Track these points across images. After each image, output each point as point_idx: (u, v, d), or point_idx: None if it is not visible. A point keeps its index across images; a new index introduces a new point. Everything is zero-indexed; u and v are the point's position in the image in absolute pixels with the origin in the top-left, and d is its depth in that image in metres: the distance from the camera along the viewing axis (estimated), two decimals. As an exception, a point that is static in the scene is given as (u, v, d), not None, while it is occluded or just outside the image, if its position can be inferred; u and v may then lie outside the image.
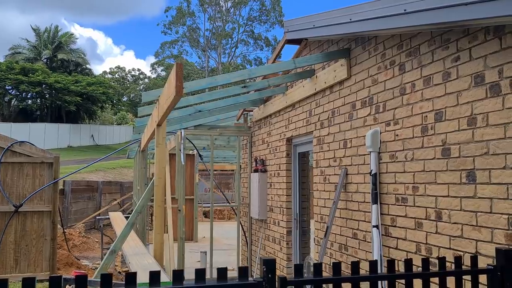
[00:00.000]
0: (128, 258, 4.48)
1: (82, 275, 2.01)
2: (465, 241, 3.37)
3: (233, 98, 6.94)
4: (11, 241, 7.82)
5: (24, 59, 44.95)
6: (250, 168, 8.61)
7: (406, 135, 4.07)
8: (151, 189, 4.77)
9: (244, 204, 8.86)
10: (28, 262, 7.84)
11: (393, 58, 4.31)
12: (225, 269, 1.95)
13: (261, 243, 8.02)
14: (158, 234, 4.52)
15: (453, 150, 3.51)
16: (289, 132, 6.85)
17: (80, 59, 50.09)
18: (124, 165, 27.70)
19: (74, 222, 14.16)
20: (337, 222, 5.30)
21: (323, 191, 5.72)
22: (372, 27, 4.04)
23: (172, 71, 3.27)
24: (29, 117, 43.27)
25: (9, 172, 7.88)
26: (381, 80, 4.48)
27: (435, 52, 3.74)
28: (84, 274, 2.42)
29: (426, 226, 3.79)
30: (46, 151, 8.23)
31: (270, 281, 1.94)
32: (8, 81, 38.65)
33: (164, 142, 4.66)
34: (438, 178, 3.66)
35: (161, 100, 4.24)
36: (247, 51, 61.29)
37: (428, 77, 3.82)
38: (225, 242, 13.69)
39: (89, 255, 11.28)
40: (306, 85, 6.16)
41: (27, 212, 7.88)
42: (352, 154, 5.02)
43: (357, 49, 4.98)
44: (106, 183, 18.52)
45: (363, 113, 4.80)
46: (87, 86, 41.81)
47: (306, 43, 6.30)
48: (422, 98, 3.88)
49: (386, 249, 4.32)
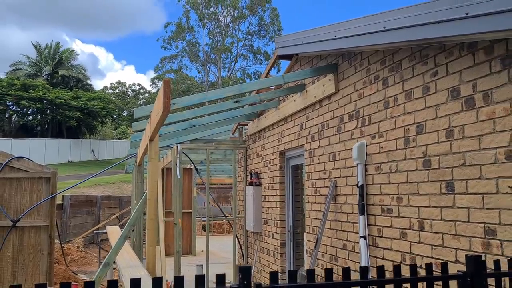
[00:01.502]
0: (121, 271, 4.57)
1: (66, 283, 2.10)
2: (446, 250, 3.46)
3: (228, 112, 7.08)
4: (8, 255, 7.89)
5: (25, 75, 45.35)
6: (246, 181, 8.72)
7: (390, 147, 4.19)
8: (144, 202, 4.88)
9: (240, 217, 8.95)
10: (26, 276, 7.89)
11: (377, 73, 4.45)
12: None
13: (257, 256, 8.09)
14: (150, 246, 4.61)
15: (433, 162, 3.63)
16: (282, 145, 6.98)
17: (80, 75, 50.52)
18: (123, 180, 27.79)
19: (73, 237, 14.21)
20: (327, 233, 5.39)
21: (314, 203, 5.82)
22: (355, 44, 4.20)
23: (161, 88, 3.41)
24: (30, 132, 43.50)
25: (7, 187, 7.98)
26: (367, 94, 4.62)
27: (415, 67, 3.89)
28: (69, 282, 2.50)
29: (410, 236, 3.89)
30: (44, 166, 8.34)
31: (245, 287, 2.04)
32: (9, 97, 38.96)
33: (157, 157, 4.78)
34: (420, 189, 3.77)
35: (152, 115, 4.38)
36: (247, 65, 61.80)
37: (409, 91, 3.96)
38: (223, 255, 13.73)
39: (87, 270, 11.32)
40: (297, 99, 6.30)
41: (25, 226, 7.96)
42: (341, 167, 5.13)
43: (344, 64, 5.13)
44: (105, 197, 18.60)
45: (350, 126, 4.93)
46: (87, 102, 42.12)
47: (297, 58, 6.47)
48: (404, 111, 4.01)
49: (374, 259, 4.41)
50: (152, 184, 4.69)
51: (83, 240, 14.46)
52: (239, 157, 9.34)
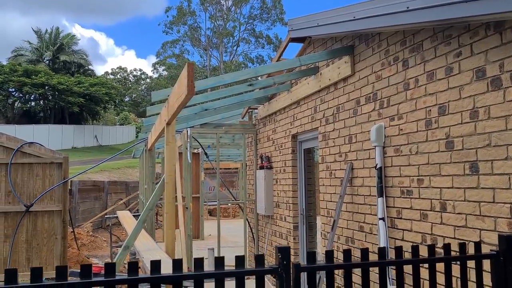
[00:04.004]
0: (141, 254, 4.61)
1: (87, 264, 2.12)
2: (469, 231, 3.48)
3: (239, 96, 7.05)
4: (22, 240, 7.97)
5: (26, 61, 45.16)
6: (256, 165, 8.73)
7: (410, 129, 4.18)
8: (161, 186, 4.89)
9: (250, 200, 8.98)
10: (40, 260, 7.98)
11: (396, 54, 4.41)
12: (243, 257, 2.07)
13: (268, 239, 8.14)
14: (169, 230, 4.64)
15: (457, 143, 3.62)
16: (294, 129, 6.96)
17: (82, 60, 50.29)
18: (128, 165, 27.88)
19: (82, 222, 14.32)
20: (343, 216, 5.42)
21: (329, 186, 5.83)
22: (376, 25, 4.15)
23: (184, 70, 3.39)
24: (33, 119, 43.49)
25: (19, 173, 8.03)
26: (385, 76, 4.59)
27: (438, 48, 3.85)
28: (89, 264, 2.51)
29: (431, 217, 3.90)
30: (55, 152, 8.37)
31: (285, 267, 2.05)
32: (12, 83, 38.85)
33: (174, 141, 4.77)
34: (442, 170, 3.77)
35: (170, 99, 4.36)
36: (249, 49, 61.31)
37: (431, 72, 3.92)
38: (231, 239, 13.82)
39: (97, 254, 11.43)
40: (311, 82, 6.27)
41: (38, 211, 8.02)
42: (357, 149, 5.13)
43: (360, 46, 5.08)
44: (112, 183, 18.68)
45: (368, 109, 4.91)
46: (89, 87, 41.99)
47: (310, 41, 6.41)
48: (425, 92, 3.99)
49: (392, 240, 4.43)
50: (170, 168, 4.69)
51: (92, 225, 14.58)
52: (249, 141, 9.34)
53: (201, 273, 2.00)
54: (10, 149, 7.97)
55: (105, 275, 2.05)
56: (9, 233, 7.92)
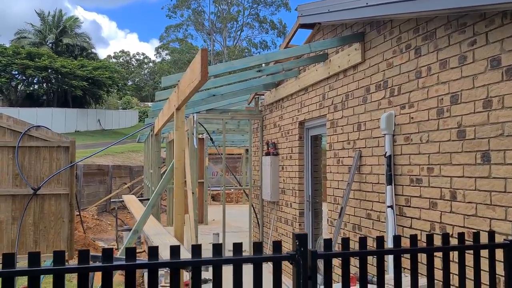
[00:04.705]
0: (150, 238, 4.65)
1: (109, 248, 2.15)
2: (479, 220, 3.49)
3: (246, 82, 7.02)
4: (30, 223, 8.03)
5: (29, 44, 44.96)
6: (261, 152, 8.74)
7: (422, 117, 4.17)
8: (171, 171, 4.91)
9: (255, 187, 9.02)
10: (47, 243, 8.06)
11: (409, 41, 4.38)
12: (261, 243, 2.09)
13: (273, 225, 8.20)
14: (178, 214, 4.67)
15: (469, 132, 3.62)
16: (302, 116, 6.95)
17: (85, 43, 50.03)
18: (132, 149, 27.94)
19: (87, 205, 14.42)
20: (350, 203, 5.44)
21: (336, 173, 5.85)
22: (389, 11, 4.12)
23: (197, 56, 3.38)
24: (36, 102, 43.44)
25: (26, 156, 8.05)
26: (396, 63, 4.56)
27: (452, 36, 3.82)
28: (110, 248, 2.55)
29: (440, 205, 3.92)
30: (62, 135, 8.38)
31: (302, 254, 2.07)
32: (15, 66, 38.73)
33: (183, 126, 4.78)
34: (453, 159, 3.77)
35: (181, 85, 4.35)
36: (253, 34, 60.91)
37: (444, 60, 3.90)
38: (234, 224, 13.92)
39: (103, 237, 11.54)
40: (320, 69, 6.24)
41: (45, 195, 8.07)
42: (366, 137, 5.13)
43: (372, 33, 5.05)
44: (116, 167, 18.76)
45: (378, 97, 4.90)
46: (93, 71, 41.84)
47: (319, 27, 6.36)
48: (438, 81, 3.97)
49: (400, 228, 4.46)
50: (179, 153, 4.71)
51: (96, 208, 14.69)
52: (255, 127, 9.34)
53: (220, 258, 2.02)
54: (17, 132, 7.98)
55: (126, 259, 2.07)
56: (16, 216, 7.98)
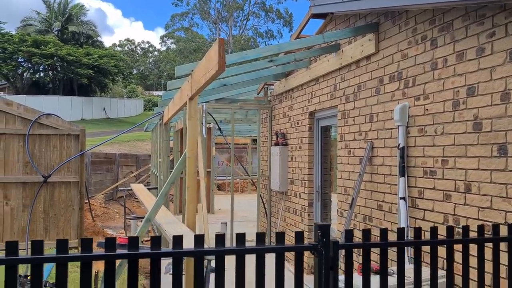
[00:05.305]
0: (162, 226, 4.68)
1: (135, 237, 2.16)
2: (494, 212, 3.49)
3: (257, 72, 7.00)
4: (40, 210, 8.11)
5: (35, 31, 44.90)
6: (270, 142, 8.74)
7: (437, 109, 4.15)
8: (183, 160, 4.93)
9: (263, 176, 9.04)
10: (57, 230, 8.15)
11: (424, 33, 4.35)
12: (283, 233, 2.10)
13: (282, 215, 8.23)
14: (191, 204, 4.70)
15: (485, 125, 3.60)
16: (312, 106, 6.94)
17: (91, 31, 49.91)
18: (138, 138, 28.01)
19: (94, 193, 14.51)
20: (361, 194, 5.45)
21: (347, 164, 5.85)
22: (405, 2, 4.09)
23: (214, 46, 3.37)
24: (42, 90, 43.51)
25: (37, 144, 8.11)
26: (412, 54, 4.53)
27: (469, 28, 3.79)
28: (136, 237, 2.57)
29: (454, 198, 3.92)
30: (72, 124, 8.42)
31: (324, 244, 2.09)
32: (21, 54, 38.72)
33: (196, 115, 4.78)
34: (469, 151, 3.76)
35: (195, 74, 4.34)
36: (258, 23, 60.65)
37: (461, 52, 3.87)
38: (240, 214, 13.97)
39: (110, 225, 11.63)
40: (331, 59, 6.21)
41: (55, 182, 8.14)
42: (379, 128, 5.11)
43: (386, 23, 5.01)
44: (123, 155, 18.82)
45: (391, 88, 4.87)
46: (98, 59, 41.79)
47: (332, 17, 6.32)
48: (454, 73, 3.95)
49: (413, 220, 4.47)
50: (192, 142, 4.72)
51: (103, 196, 14.78)
52: (263, 117, 9.33)
53: (244, 248, 2.04)
54: (27, 120, 8.03)
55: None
56: (27, 203, 8.06)
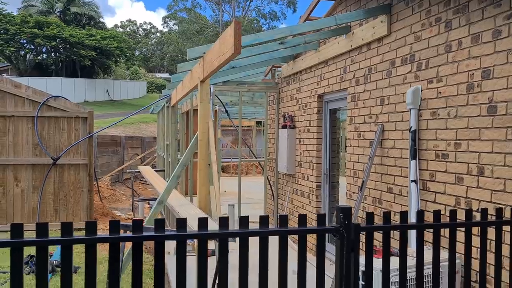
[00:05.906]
0: (175, 209, 4.73)
1: (139, 220, 2.18)
2: (508, 195, 3.51)
3: (266, 54, 6.97)
4: (50, 191, 8.19)
5: (37, 12, 44.55)
6: (277, 124, 8.75)
7: (450, 92, 4.14)
8: (195, 143, 4.95)
9: (270, 159, 9.07)
10: (67, 212, 8.24)
11: (439, 15, 4.31)
12: (305, 216, 2.13)
13: (289, 197, 8.29)
14: (203, 186, 4.74)
15: (500, 108, 3.60)
16: (321, 89, 6.92)
17: (93, 12, 49.50)
18: (142, 120, 28.02)
19: (101, 175, 14.60)
20: (371, 177, 5.47)
21: (357, 147, 5.86)
22: (421, -16, 4.03)
23: (229, 29, 3.35)
24: (45, 71, 43.38)
25: (45, 126, 8.14)
26: (425, 37, 4.50)
27: (486, 10, 3.75)
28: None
29: (467, 180, 3.94)
30: (80, 106, 8.43)
31: (346, 226, 2.12)
32: (23, 35, 38.48)
33: (208, 98, 4.79)
34: (483, 135, 3.77)
35: (208, 57, 4.33)
36: (262, 4, 59.90)
37: (476, 34, 3.84)
38: (245, 196, 14.04)
39: (118, 207, 11.74)
40: (341, 41, 6.17)
41: (64, 164, 8.20)
42: (390, 111, 5.11)
43: (399, 5, 4.96)
44: (128, 138, 18.87)
45: (403, 70, 4.85)
46: (101, 40, 41.51)
47: (342, -2, 6.25)
48: (469, 55, 3.92)
49: (423, 203, 4.50)
50: (204, 126, 4.74)
51: (110, 178, 14.88)
52: (271, 100, 9.31)
53: (266, 230, 2.07)
54: (36, 102, 8.05)
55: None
56: (37, 185, 8.13)
